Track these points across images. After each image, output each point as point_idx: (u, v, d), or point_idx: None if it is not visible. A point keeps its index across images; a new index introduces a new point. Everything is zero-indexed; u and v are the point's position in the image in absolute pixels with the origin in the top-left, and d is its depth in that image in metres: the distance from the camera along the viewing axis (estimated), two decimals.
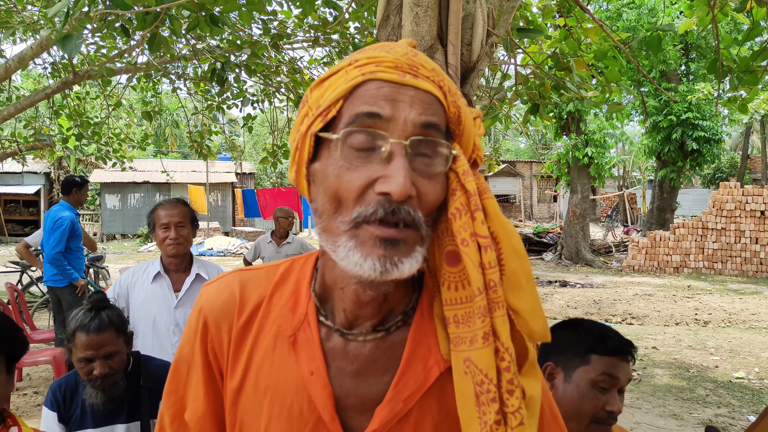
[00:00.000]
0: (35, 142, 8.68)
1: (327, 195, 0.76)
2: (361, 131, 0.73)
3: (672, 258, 15.04)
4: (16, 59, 7.23)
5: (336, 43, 5.81)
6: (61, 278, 5.35)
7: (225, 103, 6.95)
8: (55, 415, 2.11)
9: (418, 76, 0.76)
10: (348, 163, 0.73)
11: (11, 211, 26.55)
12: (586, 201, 16.84)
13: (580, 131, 16.24)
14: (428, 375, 0.82)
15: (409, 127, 0.73)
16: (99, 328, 2.05)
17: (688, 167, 17.45)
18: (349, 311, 0.83)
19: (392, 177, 0.70)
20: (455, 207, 0.76)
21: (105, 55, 7.16)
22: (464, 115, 0.79)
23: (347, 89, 0.76)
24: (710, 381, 6.04)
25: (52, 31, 5.09)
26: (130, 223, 24.58)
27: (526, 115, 3.53)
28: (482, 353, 0.75)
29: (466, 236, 0.75)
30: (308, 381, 0.82)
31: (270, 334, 0.86)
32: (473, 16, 2.00)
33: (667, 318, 9.46)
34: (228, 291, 0.90)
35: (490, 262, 0.75)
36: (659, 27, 2.83)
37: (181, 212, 2.86)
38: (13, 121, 8.92)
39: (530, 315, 0.77)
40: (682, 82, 17.03)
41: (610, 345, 1.44)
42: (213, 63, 4.88)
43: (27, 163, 10.51)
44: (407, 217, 0.71)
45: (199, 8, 3.30)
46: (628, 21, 14.66)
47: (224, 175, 25.89)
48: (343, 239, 0.74)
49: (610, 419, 1.41)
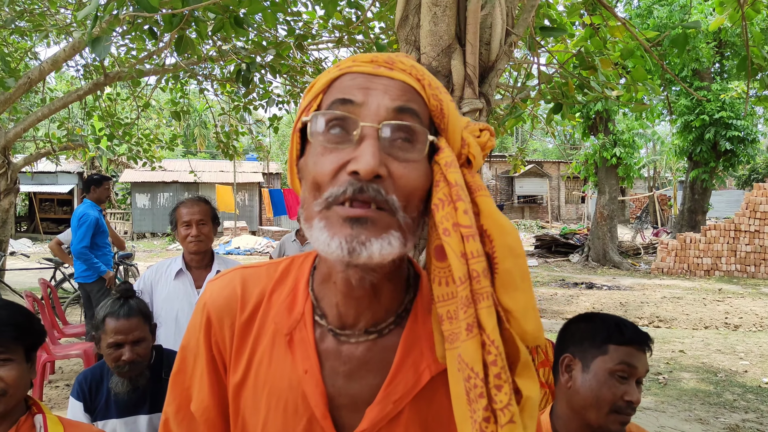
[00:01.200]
0: (68, 142, 8.91)
1: (308, 184, 0.78)
2: (332, 115, 0.75)
3: (703, 260, 14.72)
4: (50, 61, 7.43)
5: (360, 43, 5.84)
6: (90, 274, 5.51)
7: (251, 104, 7.04)
8: (81, 404, 2.17)
9: (393, 68, 0.78)
10: (323, 148, 0.75)
11: (46, 210, 27.29)
12: (614, 202, 16.58)
13: (609, 131, 15.99)
14: (419, 378, 0.82)
15: (382, 111, 0.74)
16: (128, 314, 2.13)
17: (721, 168, 17.05)
18: (341, 306, 0.83)
19: (360, 156, 0.71)
20: (438, 198, 0.76)
21: (135, 56, 7.31)
22: (448, 109, 0.80)
23: (325, 83, 0.79)
24: (738, 386, 5.90)
25: (83, 33, 5.22)
26: (159, 222, 24.98)
27: (549, 114, 3.50)
28: (467, 346, 0.73)
29: (448, 226, 0.75)
30: (303, 379, 0.83)
31: (269, 331, 0.88)
32: (492, 16, 2.00)
33: (696, 321, 9.27)
34: (230, 287, 0.91)
35: (473, 252, 0.74)
36: (686, 24, 2.78)
37: (202, 210, 2.91)
38: (47, 122, 9.17)
39: (522, 315, 0.75)
40: (716, 81, 16.65)
41: (627, 334, 1.45)
42: (238, 64, 4.94)
43: (60, 163, 10.80)
44: (378, 197, 0.71)
45: (224, 10, 3.35)
46: (659, 18, 14.39)
47: (251, 175, 26.17)
48: (316, 221, 0.75)
49: (628, 409, 1.42)
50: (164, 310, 2.87)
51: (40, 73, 7.60)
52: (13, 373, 1.44)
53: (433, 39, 1.96)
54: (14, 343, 1.46)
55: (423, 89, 0.78)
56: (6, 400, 1.43)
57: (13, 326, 1.46)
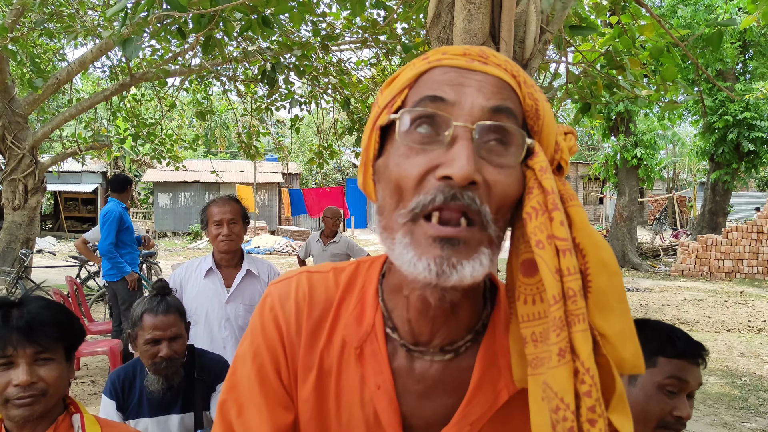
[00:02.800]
0: (94, 142, 9.04)
1: (388, 188, 0.71)
2: (421, 112, 0.68)
3: (724, 263, 14.50)
4: (78, 62, 7.56)
5: (383, 44, 5.85)
6: (115, 272, 5.58)
7: (273, 105, 7.08)
8: (114, 403, 2.18)
9: (488, 63, 0.70)
10: (408, 148, 0.68)
11: (70, 209, 27.71)
12: (633, 203, 16.42)
13: (630, 132, 15.85)
14: (497, 398, 0.77)
15: (476, 111, 0.67)
16: (166, 310, 2.15)
17: (743, 169, 16.80)
18: (414, 322, 0.77)
19: (454, 160, 0.64)
20: (531, 206, 0.68)
21: (161, 57, 7.40)
22: (543, 110, 0.72)
23: (412, 77, 0.72)
24: (764, 390, 5.82)
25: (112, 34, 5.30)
26: (181, 221, 25.21)
27: (577, 114, 3.48)
28: (557, 373, 0.64)
29: (542, 238, 0.66)
30: (374, 395, 0.78)
31: (338, 342, 0.82)
32: (526, 13, 2.00)
33: (719, 324, 9.14)
34: (299, 291, 0.85)
35: (569, 268, 0.65)
36: (721, 23, 2.76)
37: (233, 209, 2.94)
38: (73, 122, 9.31)
39: (620, 340, 0.67)
40: (739, 81, 16.42)
41: (678, 347, 1.37)
42: (263, 65, 4.99)
43: (86, 163, 10.95)
44: (472, 206, 0.64)
45: (252, 10, 3.38)
46: (683, 18, 14.24)
47: (271, 176, 26.30)
48: (399, 235, 0.68)
49: (678, 425, 1.35)
50: (194, 309, 2.90)
51: (68, 74, 7.73)
52: (54, 373, 1.43)
53: (467, 37, 1.97)
54: (56, 343, 1.45)
55: (519, 87, 0.71)
56: (46, 400, 1.42)
57: (56, 326, 1.45)
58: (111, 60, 8.57)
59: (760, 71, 16.18)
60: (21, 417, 1.39)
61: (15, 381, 1.38)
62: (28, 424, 1.42)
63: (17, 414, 1.39)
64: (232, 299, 2.94)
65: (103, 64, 8.92)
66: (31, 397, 1.39)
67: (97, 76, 11.00)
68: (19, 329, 1.40)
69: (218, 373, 2.33)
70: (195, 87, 8.47)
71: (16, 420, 1.40)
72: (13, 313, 1.42)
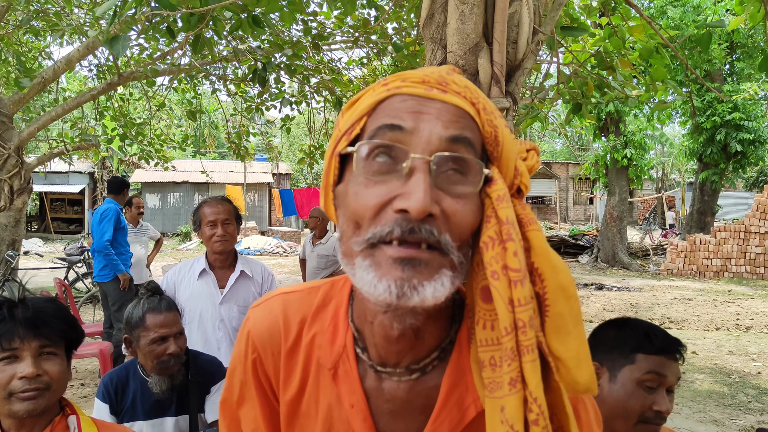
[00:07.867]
0: (81, 142, 8.95)
1: (346, 216, 0.71)
2: (379, 144, 0.68)
3: (712, 262, 14.64)
4: (64, 61, 7.48)
5: (374, 44, 5.84)
6: (107, 273, 5.53)
7: (264, 104, 7.06)
8: (107, 406, 2.16)
9: (447, 91, 0.71)
10: (366, 179, 0.68)
11: (57, 210, 27.45)
12: (623, 203, 16.53)
13: (620, 132, 15.96)
14: (464, 415, 0.77)
15: (435, 141, 0.67)
16: (168, 307, 2.16)
17: (731, 169, 16.98)
18: (380, 347, 0.79)
19: (411, 193, 0.64)
20: (487, 236, 0.69)
21: (149, 56, 7.35)
22: (502, 136, 0.72)
23: (371, 105, 0.72)
24: (752, 387, 5.87)
25: (99, 32, 5.25)
26: (170, 222, 25.08)
27: (569, 115, 3.49)
28: (510, 402, 0.66)
29: (497, 268, 0.67)
30: (349, 413, 0.80)
31: (314, 361, 0.85)
32: (519, 14, 2.00)
33: (707, 323, 9.22)
34: (272, 316, 0.88)
35: (520, 299, 0.66)
36: (709, 24, 2.78)
37: (226, 209, 2.92)
38: (59, 122, 9.21)
39: (575, 363, 0.68)
40: (727, 82, 16.59)
41: (656, 343, 1.41)
42: (254, 64, 4.97)
43: (73, 163, 10.84)
44: (430, 238, 0.65)
45: (242, 9, 3.36)
46: (672, 19, 14.36)
47: (261, 176, 26.23)
48: (359, 259, 0.68)
49: (658, 419, 1.38)
50: (188, 310, 2.88)
51: (54, 72, 7.65)
52: (58, 368, 1.45)
53: (460, 37, 1.96)
54: (59, 338, 1.47)
55: (477, 114, 0.71)
56: (50, 395, 1.42)
57: (60, 320, 1.47)
58: (98, 59, 8.50)
59: (746, 72, 16.35)
60: (25, 411, 1.38)
61: (20, 373, 1.38)
62: (27, 423, 1.42)
63: (21, 408, 1.38)
64: (226, 300, 2.92)
65: (90, 63, 8.83)
66: (35, 390, 1.39)
67: (84, 75, 10.90)
68: (26, 322, 1.41)
69: (212, 374, 2.31)
70: (184, 87, 8.42)
71: (19, 415, 1.39)
72: (18, 308, 1.44)
